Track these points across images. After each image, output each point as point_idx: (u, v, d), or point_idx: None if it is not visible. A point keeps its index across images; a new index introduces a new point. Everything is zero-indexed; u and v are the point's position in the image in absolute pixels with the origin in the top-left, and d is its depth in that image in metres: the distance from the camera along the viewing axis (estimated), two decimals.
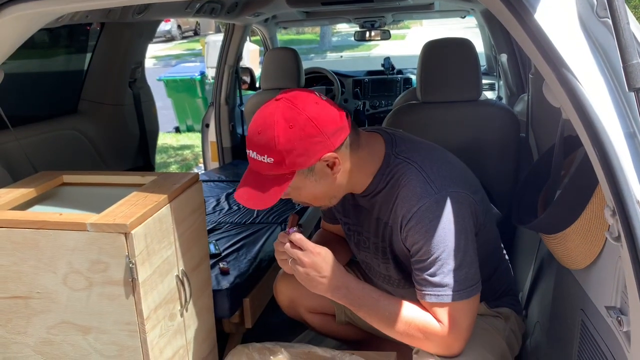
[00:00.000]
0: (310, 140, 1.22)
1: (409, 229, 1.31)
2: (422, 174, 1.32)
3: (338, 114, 1.27)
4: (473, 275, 1.30)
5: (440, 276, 1.28)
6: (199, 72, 7.79)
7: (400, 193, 1.33)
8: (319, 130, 1.23)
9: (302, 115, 1.22)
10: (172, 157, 6.91)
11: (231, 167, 3.69)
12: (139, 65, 3.03)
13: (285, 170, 1.24)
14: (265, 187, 1.26)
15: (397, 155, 1.37)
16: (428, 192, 1.29)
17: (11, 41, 1.51)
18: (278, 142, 1.21)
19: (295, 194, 1.33)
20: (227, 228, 2.48)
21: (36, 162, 2.08)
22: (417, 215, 1.29)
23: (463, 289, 1.28)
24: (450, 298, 1.28)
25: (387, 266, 1.47)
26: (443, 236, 1.27)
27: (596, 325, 1.19)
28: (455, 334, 1.30)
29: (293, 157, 1.22)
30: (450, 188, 1.31)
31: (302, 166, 1.24)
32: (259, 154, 1.24)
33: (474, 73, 2.18)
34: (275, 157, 1.22)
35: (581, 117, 0.98)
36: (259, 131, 1.24)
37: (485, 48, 4.73)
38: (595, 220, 1.18)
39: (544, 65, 1.05)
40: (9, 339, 1.43)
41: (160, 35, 20.19)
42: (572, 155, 1.42)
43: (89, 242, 1.31)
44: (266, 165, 1.24)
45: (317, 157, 1.24)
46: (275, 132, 1.21)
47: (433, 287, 1.29)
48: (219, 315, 1.85)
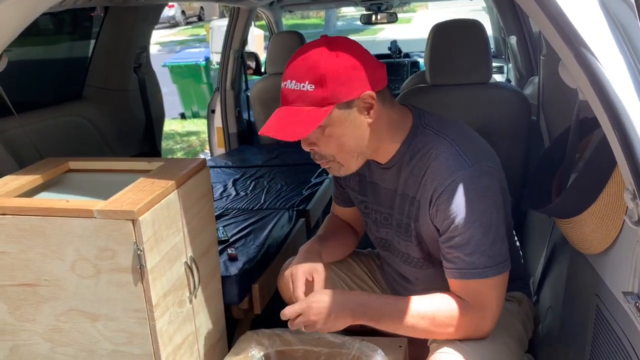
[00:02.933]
0: (354, 72, 1.21)
1: (440, 204, 1.27)
2: (454, 146, 1.29)
3: (378, 62, 1.27)
4: (504, 251, 1.28)
5: (471, 252, 1.25)
6: (204, 58, 7.76)
7: (431, 166, 1.30)
8: (363, 65, 1.21)
9: (348, 49, 1.22)
10: (178, 144, 6.91)
11: (238, 153, 3.67)
12: (143, 50, 3.00)
13: (325, 100, 1.20)
14: (300, 118, 1.21)
15: (426, 126, 1.34)
16: (462, 164, 1.26)
17: (14, 25, 1.48)
18: (323, 66, 1.19)
19: (323, 140, 1.28)
20: (235, 214, 2.46)
21: (41, 148, 2.07)
22: (449, 189, 1.25)
23: (494, 265, 1.26)
24: (482, 274, 1.25)
25: (408, 244, 1.44)
26: (476, 211, 1.24)
27: (612, 310, 1.17)
28: (485, 312, 1.28)
29: (335, 86, 1.19)
30: (483, 162, 1.28)
31: (342, 98, 1.21)
32: (299, 81, 1.21)
33: (484, 55, 2.14)
34: (318, 83, 1.19)
35: (600, 97, 0.95)
36: (302, 58, 1.22)
37: (493, 30, 4.67)
38: (612, 203, 1.15)
39: (562, 45, 1.01)
40: (17, 327, 1.43)
41: (164, 21, 20.10)
42: (587, 138, 1.39)
43: (97, 229, 1.29)
44: (305, 94, 1.20)
45: (359, 92, 1.22)
46: (321, 57, 1.20)
47: (464, 264, 1.26)
48: (228, 301, 1.84)
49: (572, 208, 1.26)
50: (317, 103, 1.21)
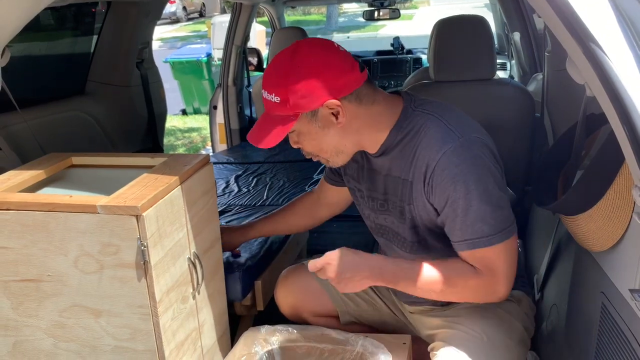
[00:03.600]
0: (316, 83, 1.25)
1: (434, 179, 1.28)
2: (442, 121, 1.31)
3: (350, 66, 1.28)
4: (507, 216, 1.28)
5: (472, 222, 1.26)
6: (205, 54, 7.74)
7: (421, 143, 1.31)
8: (324, 75, 1.26)
9: (310, 59, 1.26)
10: (179, 140, 6.90)
11: (239, 149, 3.66)
12: (146, 46, 2.99)
13: (290, 111, 1.28)
14: (271, 127, 1.31)
15: (415, 108, 1.36)
16: (451, 137, 1.27)
17: (16, 20, 1.47)
18: (286, 82, 1.26)
19: (301, 140, 1.37)
20: (237, 210, 2.46)
21: (44, 144, 2.06)
22: (442, 162, 1.26)
23: (498, 232, 1.26)
24: (487, 242, 1.26)
25: (404, 227, 1.44)
26: (471, 181, 1.25)
27: (618, 308, 1.16)
28: (497, 277, 1.30)
29: (297, 98, 1.26)
30: (473, 134, 1.30)
31: (305, 109, 1.28)
32: (268, 93, 1.30)
33: (488, 51, 2.13)
34: (281, 96, 1.27)
35: (609, 92, 0.94)
36: (272, 68, 1.30)
37: (496, 27, 4.65)
38: (619, 200, 1.14)
39: (570, 40, 1.00)
40: (20, 322, 1.42)
41: (165, 17, 20.06)
42: (593, 135, 1.38)
43: (100, 224, 1.29)
44: (273, 105, 1.29)
45: (320, 102, 1.27)
46: (282, 72, 1.27)
47: (468, 235, 1.27)
48: (231, 298, 1.83)
49: (579, 205, 1.25)
50: (284, 114, 1.29)
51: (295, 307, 1.75)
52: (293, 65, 1.26)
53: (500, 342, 1.40)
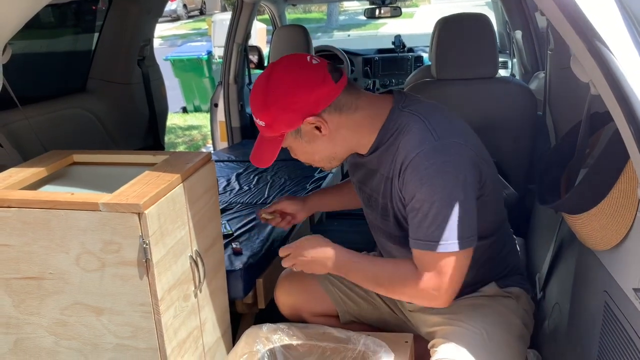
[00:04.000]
0: (289, 105, 1.32)
1: (405, 176, 1.31)
2: (424, 122, 1.33)
3: (321, 80, 1.32)
4: (467, 227, 1.28)
5: (429, 225, 1.27)
6: (206, 52, 7.73)
7: (402, 141, 1.34)
8: (298, 95, 1.32)
9: (282, 81, 1.33)
10: (180, 138, 6.89)
11: (240, 147, 3.65)
12: (147, 43, 2.99)
13: (276, 133, 1.37)
14: (264, 147, 1.41)
15: (402, 109, 1.38)
16: (428, 138, 1.29)
17: (18, 17, 1.47)
18: (263, 107, 1.34)
19: (295, 154, 1.45)
20: (239, 208, 2.45)
21: (45, 141, 2.06)
22: (414, 161, 1.29)
23: (454, 241, 1.27)
24: (440, 247, 1.27)
25: (387, 223, 1.47)
26: (438, 184, 1.26)
27: (621, 307, 1.16)
28: (441, 284, 1.30)
29: (278, 122, 1.35)
30: (452, 138, 1.30)
31: (288, 128, 1.36)
32: (256, 117, 1.38)
33: (490, 49, 2.13)
34: (265, 120, 1.36)
35: (614, 90, 0.94)
36: (253, 98, 1.38)
37: (498, 25, 4.64)
38: (623, 199, 1.14)
39: (574, 38, 1.00)
40: (22, 320, 1.42)
41: (166, 14, 20.03)
42: (597, 134, 1.37)
43: (102, 222, 1.28)
44: (261, 128, 1.39)
45: (300, 121, 1.34)
46: (261, 97, 1.34)
47: (422, 235, 1.29)
48: (232, 295, 1.83)
49: (583, 204, 1.25)
50: (271, 135, 1.38)
51: (295, 307, 1.75)
52: (269, 90, 1.33)
53: (499, 338, 1.41)
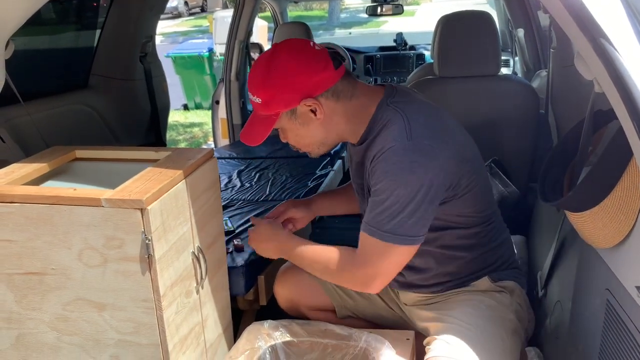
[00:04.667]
0: (291, 83, 1.35)
1: (373, 166, 1.37)
2: (403, 120, 1.35)
3: (323, 65, 1.36)
4: (417, 227, 1.33)
5: (380, 213, 1.32)
6: (207, 49, 7.72)
7: (380, 134, 1.38)
8: (299, 76, 1.35)
9: (285, 61, 1.35)
10: (181, 135, 6.89)
11: (242, 144, 3.65)
12: (149, 40, 2.98)
13: (271, 111, 1.38)
14: (257, 126, 1.42)
15: (389, 104, 1.41)
16: (402, 136, 1.33)
17: (20, 12, 1.47)
18: (263, 84, 1.36)
19: (286, 135, 1.46)
20: (240, 205, 2.45)
21: (47, 137, 2.05)
22: (384, 155, 1.33)
23: (397, 235, 1.32)
24: (382, 237, 1.32)
25: None
26: (401, 181, 1.30)
27: (624, 305, 1.16)
28: (373, 271, 1.36)
29: (275, 100, 1.36)
30: (425, 140, 1.33)
31: (283, 108, 1.37)
32: (252, 94, 1.39)
33: (493, 47, 2.13)
34: (262, 98, 1.37)
35: (619, 88, 0.94)
36: (252, 73, 1.40)
37: (499, 23, 4.63)
38: (627, 197, 1.14)
39: (579, 35, 1.00)
40: (24, 315, 1.42)
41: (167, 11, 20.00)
42: (600, 132, 1.37)
43: (104, 218, 1.28)
44: (257, 105, 1.40)
45: (297, 101, 1.36)
46: (261, 75, 1.36)
47: (374, 221, 1.34)
48: (234, 292, 1.83)
49: (586, 201, 1.25)
50: (266, 113, 1.39)
51: (293, 301, 1.76)
52: (270, 68, 1.35)
53: (492, 333, 1.42)
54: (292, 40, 1.44)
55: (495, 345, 1.41)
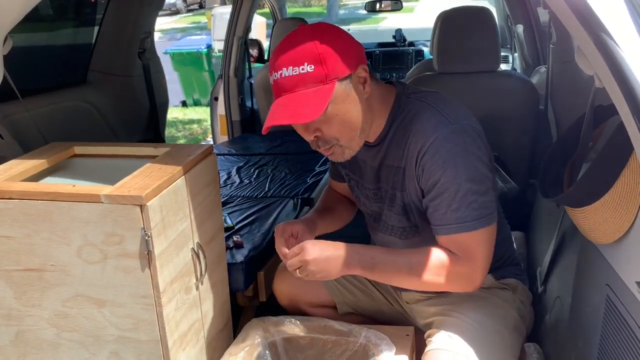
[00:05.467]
0: (345, 48, 1.24)
1: (425, 162, 1.29)
2: (435, 108, 1.32)
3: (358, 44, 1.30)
4: (490, 203, 1.30)
5: (458, 207, 1.27)
6: (206, 45, 7.70)
7: (414, 130, 1.32)
8: (350, 42, 1.27)
9: (331, 29, 1.27)
10: (180, 132, 6.88)
11: (241, 141, 3.65)
12: (148, 36, 2.97)
13: (327, 77, 1.21)
14: (307, 100, 1.21)
15: (409, 95, 1.37)
16: (444, 122, 1.29)
17: (18, 8, 1.46)
18: (317, 46, 1.21)
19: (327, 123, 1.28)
20: (239, 202, 2.45)
21: (46, 133, 2.05)
22: (434, 146, 1.28)
23: (482, 218, 1.28)
24: (470, 227, 1.27)
25: (392, 215, 1.46)
26: (461, 166, 1.26)
27: (624, 301, 1.16)
28: (475, 263, 1.30)
29: (333, 62, 1.21)
30: (465, 121, 1.31)
31: (341, 73, 1.23)
32: (296, 65, 1.21)
33: (492, 43, 2.12)
34: (317, 62, 1.21)
35: (620, 83, 0.93)
36: (292, 43, 1.23)
37: (499, 19, 4.63)
38: (627, 192, 1.14)
39: (580, 31, 0.99)
40: (23, 312, 1.42)
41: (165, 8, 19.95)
42: (600, 127, 1.37)
43: (104, 214, 1.28)
44: (305, 76, 1.21)
45: (354, 65, 1.25)
46: (313, 39, 1.22)
47: (452, 220, 1.28)
48: (234, 288, 1.83)
49: (586, 197, 1.25)
50: (320, 81, 1.22)
51: (293, 298, 1.75)
52: (320, 33, 1.23)
53: (494, 329, 1.42)
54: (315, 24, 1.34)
55: (496, 341, 1.41)
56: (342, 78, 1.24)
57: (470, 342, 1.35)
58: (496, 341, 1.41)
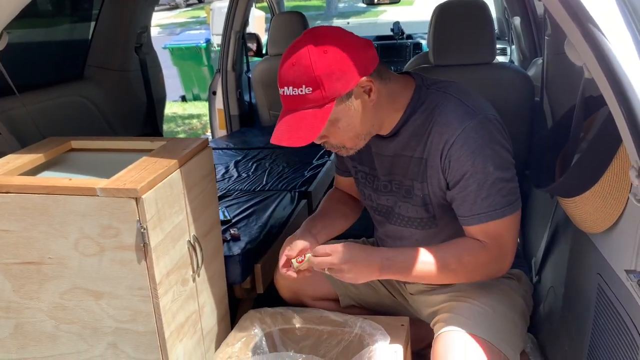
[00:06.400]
0: (345, 63, 1.22)
1: (452, 153, 1.31)
2: (459, 98, 1.34)
3: (365, 43, 1.29)
4: (516, 189, 1.34)
5: (487, 196, 1.30)
6: (205, 40, 7.69)
7: (437, 121, 1.33)
8: (353, 53, 1.24)
9: (334, 41, 1.23)
10: (179, 126, 6.89)
11: (239, 135, 3.66)
12: (144, 30, 2.98)
13: (325, 99, 1.23)
14: (305, 121, 1.24)
15: (429, 87, 1.38)
16: (470, 113, 1.31)
17: (14, 3, 1.47)
18: (315, 67, 1.21)
19: (331, 132, 1.31)
20: (237, 195, 2.46)
21: (43, 128, 2.06)
22: (462, 137, 1.29)
23: (510, 204, 1.32)
24: (500, 214, 1.31)
25: (409, 207, 1.46)
26: (489, 155, 1.29)
27: (614, 289, 1.17)
28: (505, 250, 1.35)
29: (332, 83, 1.22)
30: (489, 112, 1.33)
31: (341, 91, 1.24)
32: (296, 87, 1.23)
33: (488, 35, 2.12)
34: (314, 85, 1.22)
35: (607, 73, 0.94)
36: (293, 63, 1.24)
37: (496, 12, 4.63)
38: (616, 182, 1.15)
39: (568, 21, 1.00)
40: (22, 304, 1.44)
41: (164, 3, 19.93)
42: (591, 117, 1.38)
43: (100, 207, 1.29)
44: (304, 98, 1.23)
45: (355, 81, 1.24)
46: (311, 59, 1.21)
47: (482, 208, 1.31)
48: (231, 280, 1.84)
49: (577, 187, 1.26)
50: (318, 104, 1.24)
51: (295, 291, 1.76)
52: (318, 52, 1.22)
53: (505, 313, 1.43)
54: (322, 27, 1.31)
55: (507, 325, 1.41)
56: (342, 96, 1.25)
57: (482, 323, 1.36)
58: (508, 325, 1.42)
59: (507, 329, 1.40)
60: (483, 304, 1.42)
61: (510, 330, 1.41)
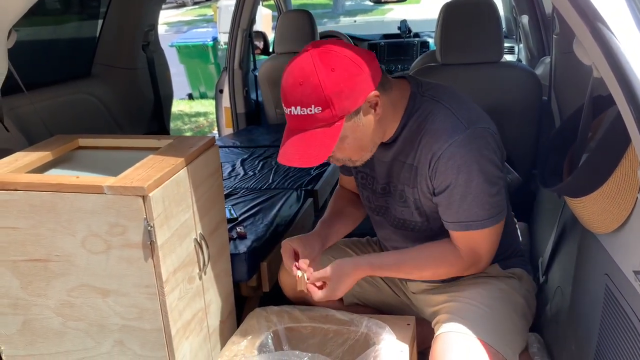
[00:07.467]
0: (354, 79, 1.21)
1: (439, 166, 1.32)
2: (450, 109, 1.33)
3: (369, 55, 1.28)
4: (500, 203, 1.36)
5: (469, 207, 1.33)
6: (212, 38, 7.70)
7: (428, 130, 1.34)
8: (360, 68, 1.22)
9: (341, 56, 1.21)
10: (186, 124, 6.90)
11: (245, 133, 3.66)
12: (152, 28, 2.99)
13: (335, 117, 1.22)
14: (316, 141, 1.23)
15: (423, 94, 1.38)
16: (459, 127, 1.31)
17: (22, 1, 1.48)
18: (325, 87, 1.19)
19: (340, 146, 1.30)
20: (243, 193, 2.47)
21: (50, 125, 2.07)
22: (448, 151, 1.30)
23: (491, 217, 1.34)
24: (480, 225, 1.34)
25: (404, 210, 1.48)
26: (474, 170, 1.30)
27: (622, 290, 1.17)
28: (478, 257, 1.40)
29: (341, 101, 1.20)
30: (479, 124, 1.33)
31: (350, 109, 1.23)
32: (304, 107, 1.21)
33: (495, 34, 2.12)
34: (324, 105, 1.20)
35: (616, 73, 0.94)
36: (300, 82, 1.21)
37: (504, 10, 4.61)
38: (625, 182, 1.14)
39: (578, 20, 1.00)
40: (29, 301, 1.44)
41: (171, 1, 19.96)
42: (599, 117, 1.37)
43: (107, 205, 1.30)
44: (313, 117, 1.21)
45: (363, 98, 1.23)
46: (319, 78, 1.19)
47: (463, 217, 1.34)
48: (237, 279, 1.85)
49: (584, 187, 1.25)
50: (328, 123, 1.22)
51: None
52: (326, 70, 1.20)
53: (504, 314, 1.43)
54: (324, 40, 1.28)
55: (506, 325, 1.42)
56: (351, 113, 1.24)
57: (481, 324, 1.37)
58: (506, 325, 1.42)
59: (505, 329, 1.40)
60: (482, 304, 1.43)
61: (509, 330, 1.41)
